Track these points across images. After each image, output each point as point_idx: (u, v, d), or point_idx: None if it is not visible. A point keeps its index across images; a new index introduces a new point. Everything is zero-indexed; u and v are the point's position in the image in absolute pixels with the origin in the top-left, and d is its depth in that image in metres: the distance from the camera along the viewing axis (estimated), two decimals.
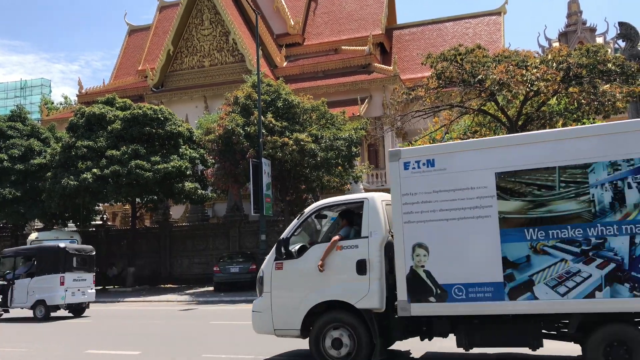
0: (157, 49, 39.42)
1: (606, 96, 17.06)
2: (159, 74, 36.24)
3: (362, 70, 34.98)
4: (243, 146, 20.32)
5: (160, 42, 39.66)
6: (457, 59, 18.42)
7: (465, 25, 39.11)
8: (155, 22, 43.04)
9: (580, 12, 47.15)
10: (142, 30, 45.32)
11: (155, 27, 42.64)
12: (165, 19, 42.36)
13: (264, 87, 22.09)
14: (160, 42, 39.94)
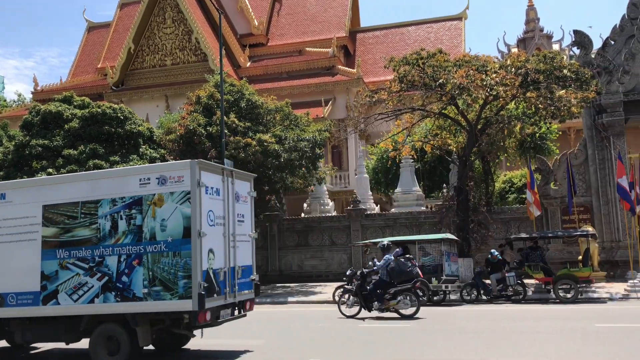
0: (118, 47, 38.64)
1: (562, 101, 17.57)
2: (119, 72, 35.53)
3: (326, 72, 35.10)
4: (205, 146, 20.10)
5: (121, 39, 38.89)
6: (419, 63, 18.68)
7: (428, 29, 39.72)
8: (115, 19, 42.17)
9: (537, 19, 48.49)
10: (101, 27, 44.35)
11: (115, 24, 41.78)
12: (126, 16, 41.54)
13: (227, 87, 21.91)
14: (120, 39, 39.16)
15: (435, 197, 28.43)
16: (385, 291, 12.68)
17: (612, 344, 8.74)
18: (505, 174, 29.95)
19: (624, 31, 21.65)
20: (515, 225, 21.92)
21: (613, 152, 20.21)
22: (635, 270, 18.36)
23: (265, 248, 24.53)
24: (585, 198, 21.18)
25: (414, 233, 22.06)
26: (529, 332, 10.26)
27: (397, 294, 12.63)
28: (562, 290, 15.47)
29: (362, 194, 26.98)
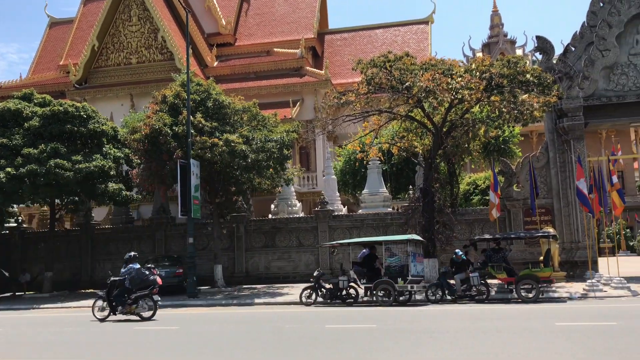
0: (81, 44, 37.77)
1: (525, 105, 17.98)
2: (83, 69, 34.73)
3: (294, 73, 35.07)
4: (171, 146, 19.82)
5: (84, 36, 38.02)
6: (387, 66, 18.84)
7: (395, 32, 40.10)
8: (79, 15, 41.22)
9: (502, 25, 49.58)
10: (64, 23, 43.29)
11: (79, 20, 40.83)
12: (89, 12, 40.65)
13: (194, 87, 21.66)
14: (84, 36, 38.28)
15: (402, 199, 28.72)
16: (128, 297, 14.19)
17: (572, 342, 8.98)
18: (470, 176, 30.50)
19: (584, 38, 22.30)
20: (479, 227, 22.31)
21: (573, 156, 20.78)
22: (594, 270, 18.92)
23: (232, 249, 24.34)
24: (546, 200, 21.72)
25: (381, 234, 22.23)
26: (493, 331, 10.45)
27: (138, 299, 14.16)
28: (524, 290, 15.81)
29: (330, 195, 27.05)
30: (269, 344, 10.15)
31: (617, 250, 24.52)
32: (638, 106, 21.47)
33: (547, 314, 12.84)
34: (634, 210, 41.68)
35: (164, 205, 25.62)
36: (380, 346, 9.35)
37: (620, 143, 44.74)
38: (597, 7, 22.27)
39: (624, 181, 45.19)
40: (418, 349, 8.97)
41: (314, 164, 34.42)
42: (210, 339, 11.11)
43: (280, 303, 17.70)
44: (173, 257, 22.81)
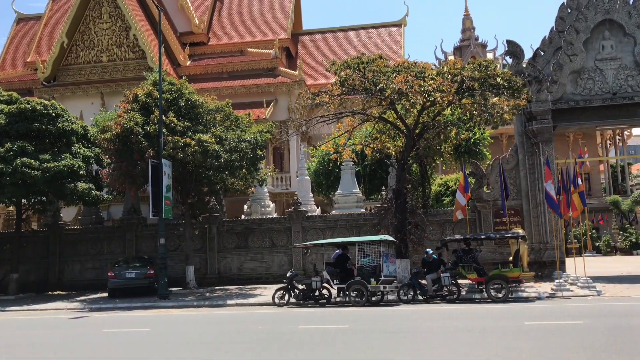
0: (50, 41, 36.97)
1: (495, 108, 18.27)
2: (51, 67, 34.02)
3: (267, 73, 34.99)
4: (142, 146, 19.55)
5: (53, 33, 37.23)
6: (360, 68, 18.94)
7: (368, 35, 40.34)
8: (47, 11, 40.34)
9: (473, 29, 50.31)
10: (32, 19, 42.33)
11: (47, 16, 39.96)
12: (59, 9, 39.82)
13: (166, 86, 21.42)
14: (53, 33, 37.48)
15: (375, 200, 28.91)
16: None
17: (540, 341, 9.17)
18: (441, 178, 30.87)
19: (553, 43, 22.79)
20: (450, 227, 22.59)
21: (542, 158, 21.21)
22: (561, 270, 19.34)
23: (204, 250, 24.14)
24: (516, 201, 22.12)
25: (354, 235, 22.34)
26: (463, 330, 10.60)
27: None
28: (493, 290, 16.07)
29: (303, 195, 27.05)
30: (241, 344, 10.11)
31: (583, 251, 25.12)
32: (604, 110, 22.05)
33: (516, 314, 13.08)
34: (600, 211, 42.76)
35: (135, 206, 25.26)
36: (353, 346, 9.39)
37: (587, 146, 45.87)
38: (565, 13, 22.80)
39: (590, 183, 46.35)
40: (390, 348, 9.04)
41: (288, 164, 34.40)
42: (181, 340, 11.00)
43: (252, 304, 17.63)
44: (144, 258, 22.51)
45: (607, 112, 22.09)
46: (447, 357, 8.28)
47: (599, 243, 40.41)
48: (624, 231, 40.59)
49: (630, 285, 18.22)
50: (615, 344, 8.66)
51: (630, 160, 55.59)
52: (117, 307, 18.25)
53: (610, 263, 29.53)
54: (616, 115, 22.15)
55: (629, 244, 39.36)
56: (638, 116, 22.13)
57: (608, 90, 21.92)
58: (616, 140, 48.93)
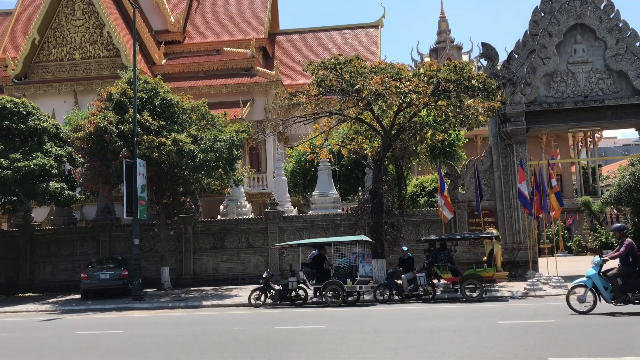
0: (20, 37, 36.20)
1: (470, 110, 18.49)
2: (22, 64, 33.31)
3: (244, 72, 34.82)
4: (116, 145, 19.28)
5: (24, 29, 36.46)
6: (337, 68, 18.97)
7: (345, 35, 40.45)
8: (18, 7, 39.45)
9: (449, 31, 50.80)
10: (2, 15, 41.40)
11: (18, 12, 39.08)
12: (30, 4, 38.99)
13: (141, 84, 21.16)
14: (24, 29, 36.71)
15: (352, 200, 28.98)
16: None
17: (513, 339, 9.30)
18: (417, 178, 31.12)
19: (526, 46, 23.16)
20: (425, 228, 22.78)
21: (515, 159, 21.53)
22: (534, 270, 19.67)
23: (179, 251, 23.91)
24: (490, 202, 22.41)
25: (331, 235, 22.38)
26: (439, 330, 10.69)
27: None
28: (468, 289, 16.25)
29: (280, 196, 26.99)
30: (217, 346, 10.03)
31: (555, 251, 25.58)
32: (576, 113, 22.49)
33: (491, 313, 13.25)
34: (572, 212, 43.59)
35: (109, 206, 24.90)
36: (329, 347, 9.40)
37: (559, 148, 46.74)
38: (538, 17, 23.19)
39: (562, 184, 47.20)
40: (366, 349, 9.07)
41: (264, 164, 34.28)
42: (155, 342, 10.87)
43: (228, 305, 17.51)
44: (118, 259, 22.19)
45: (579, 115, 22.54)
46: (423, 356, 8.34)
47: (571, 243, 41.20)
48: (594, 231, 41.45)
49: None
50: (586, 342, 8.84)
51: (600, 162, 56.85)
52: (90, 309, 17.95)
53: (581, 263, 30.11)
54: (587, 117, 22.62)
55: (599, 243, 40.20)
56: (608, 119, 22.63)
57: (580, 93, 22.36)
58: (587, 143, 49.96)
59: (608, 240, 39.76)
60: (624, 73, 22.04)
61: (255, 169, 32.81)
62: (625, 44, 22.17)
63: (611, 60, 22.11)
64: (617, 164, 57.87)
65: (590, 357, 7.76)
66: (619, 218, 45.45)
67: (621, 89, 22.22)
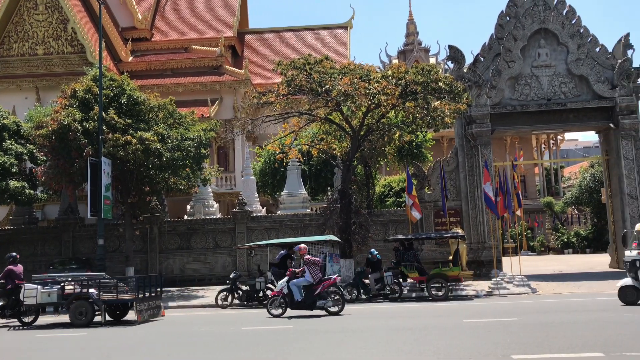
0: None
1: (437, 112, 18.76)
2: None
3: (212, 71, 34.50)
4: (80, 143, 18.87)
5: None
6: (307, 68, 19.00)
7: (315, 36, 40.49)
8: None
9: (417, 33, 51.36)
10: None
11: None
12: None
13: (107, 82, 20.76)
14: None
15: (321, 200, 29.05)
16: None
17: (478, 338, 9.47)
18: (385, 179, 31.38)
19: (492, 49, 23.61)
20: (393, 227, 23.00)
21: (480, 160, 21.92)
22: (498, 269, 20.06)
23: (145, 251, 23.55)
24: (455, 202, 22.77)
25: (300, 235, 22.37)
26: (405, 329, 10.81)
27: None
28: (434, 288, 16.47)
29: (249, 196, 26.84)
30: (183, 347, 9.92)
31: (519, 250, 26.13)
32: (539, 115, 23.05)
33: (456, 312, 13.46)
34: (535, 212, 44.61)
35: (72, 205, 24.35)
36: (297, 346, 9.40)
37: (523, 149, 47.78)
38: (504, 21, 23.67)
39: (526, 185, 48.26)
40: (333, 348, 9.11)
41: (233, 164, 34.03)
42: (119, 344, 10.69)
43: (195, 306, 17.34)
44: (81, 260, 21.72)
45: (542, 117, 23.11)
46: (389, 355, 8.42)
47: (534, 243, 42.16)
48: (556, 231, 42.52)
49: (562, 283, 19.13)
50: (547, 339, 9.06)
51: (562, 164, 58.36)
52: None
53: (543, 262, 30.88)
54: (550, 120, 23.21)
55: (560, 243, 41.28)
56: (570, 122, 23.26)
57: (543, 96, 22.91)
58: (550, 145, 51.21)
59: (569, 240, 40.85)
60: (584, 77, 22.68)
61: (223, 169, 32.52)
62: (586, 50, 22.82)
63: (573, 65, 22.72)
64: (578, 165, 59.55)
65: (551, 354, 7.96)
66: (580, 218, 46.79)
67: (582, 92, 22.86)
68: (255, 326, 12.32)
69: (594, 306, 13.39)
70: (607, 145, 23.88)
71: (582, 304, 13.99)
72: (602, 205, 34.45)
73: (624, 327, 10.16)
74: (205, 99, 32.19)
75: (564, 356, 7.81)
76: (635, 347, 8.20)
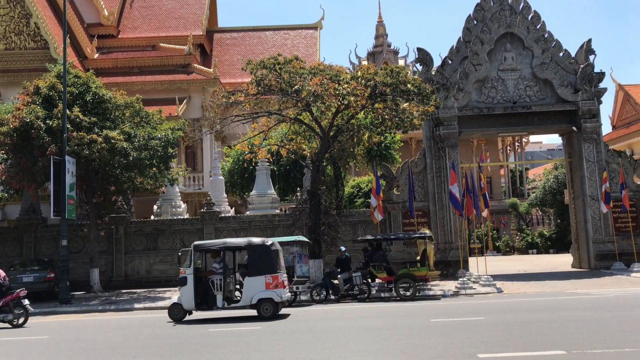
0: None
1: (405, 113, 18.92)
2: None
3: (181, 69, 34.10)
4: (43, 141, 18.39)
5: None
6: (276, 68, 18.92)
7: (284, 36, 40.42)
8: None
9: (386, 35, 51.74)
10: None
11: None
12: None
13: (72, 79, 20.29)
14: None
15: (290, 200, 29.00)
16: None
17: (445, 337, 9.58)
18: (354, 180, 31.51)
19: (460, 52, 23.95)
20: (362, 228, 23.10)
21: (448, 162, 22.21)
22: (465, 269, 20.35)
23: (110, 252, 23.10)
24: (423, 203, 23.01)
25: (269, 235, 22.26)
26: (373, 329, 10.86)
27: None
28: (402, 288, 16.61)
29: (217, 196, 26.60)
30: (150, 349, 9.75)
31: (485, 251, 26.59)
32: (505, 118, 23.48)
33: (423, 311, 13.60)
34: (500, 213, 45.44)
35: (35, 205, 23.70)
36: (264, 347, 9.35)
37: (489, 151, 48.63)
38: (471, 24, 24.05)
39: (491, 187, 49.12)
40: (301, 348, 9.09)
41: (201, 164, 33.69)
42: (83, 347, 10.44)
43: (161, 307, 17.06)
44: (44, 261, 21.16)
45: (508, 120, 23.55)
46: (357, 355, 8.44)
47: (499, 243, 42.95)
48: (521, 232, 43.40)
49: (526, 283, 19.53)
50: (512, 338, 9.23)
51: (527, 166, 59.64)
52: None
53: (509, 262, 31.47)
54: (516, 123, 23.67)
55: (525, 243, 42.14)
56: (535, 124, 23.77)
57: (509, 99, 23.35)
58: (515, 147, 52.25)
59: (534, 240, 41.75)
60: (549, 81, 23.21)
61: (191, 168, 32.15)
62: (550, 54, 23.36)
63: (537, 69, 23.23)
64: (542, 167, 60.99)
65: (516, 352, 8.11)
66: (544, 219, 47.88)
67: (546, 96, 23.39)
68: (223, 327, 12.21)
69: (557, 305, 13.71)
70: (570, 148, 24.48)
71: (545, 303, 14.31)
72: (565, 207, 35.33)
73: (586, 325, 10.42)
74: (173, 98, 31.78)
75: (528, 354, 7.96)
76: (595, 345, 8.42)
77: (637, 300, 13.83)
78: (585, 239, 23.37)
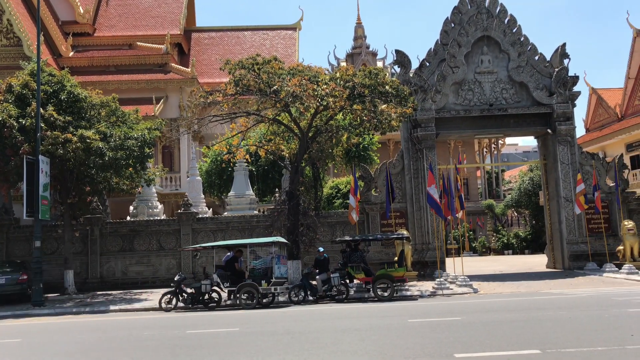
0: None
1: (384, 115, 19.01)
2: None
3: (158, 69, 33.78)
4: (16, 141, 18.03)
5: None
6: (255, 68, 18.86)
7: (263, 36, 40.33)
8: None
9: (365, 37, 51.98)
10: None
11: None
12: None
13: (46, 77, 19.93)
14: None
15: (268, 201, 28.90)
16: None
17: (422, 337, 9.65)
18: (333, 181, 31.56)
19: (437, 55, 24.16)
20: (340, 229, 23.15)
21: (425, 163, 22.38)
22: (442, 269, 20.53)
23: (85, 253, 22.75)
24: (401, 204, 23.15)
25: (247, 237, 22.17)
26: (351, 329, 10.88)
27: None
28: (380, 289, 16.68)
29: (194, 197, 26.40)
30: (125, 352, 9.62)
31: (461, 251, 26.85)
32: (482, 120, 23.76)
33: (401, 312, 13.67)
34: (477, 214, 45.97)
35: (7, 206, 23.23)
36: (241, 349, 9.30)
37: (466, 153, 49.18)
38: (449, 27, 24.28)
39: (468, 188, 49.67)
40: (279, 350, 9.06)
41: (178, 164, 33.42)
42: (56, 350, 10.25)
43: (138, 309, 16.87)
44: (16, 263, 20.72)
45: (485, 122, 23.83)
46: (335, 356, 8.45)
47: (476, 244, 43.43)
48: (497, 233, 43.96)
49: (502, 283, 19.78)
50: (489, 338, 9.34)
51: (503, 167, 60.46)
52: None
53: (485, 263, 31.84)
54: (492, 125, 23.96)
55: (501, 244, 42.70)
56: (511, 127, 24.09)
57: (485, 102, 23.64)
58: (492, 149, 52.93)
59: (509, 241, 42.33)
60: (524, 84, 23.55)
61: (168, 169, 31.88)
62: (526, 57, 23.71)
63: (514, 72, 23.55)
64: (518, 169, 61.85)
65: (492, 352, 8.20)
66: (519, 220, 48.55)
67: (522, 99, 23.73)
68: (200, 329, 12.10)
69: (532, 305, 13.90)
70: (545, 150, 24.88)
71: (520, 303, 14.50)
72: (540, 208, 35.89)
73: (560, 325, 10.59)
74: (150, 97, 31.48)
75: (503, 354, 8.06)
76: (569, 344, 8.56)
77: (609, 300, 14.11)
78: (560, 239, 23.77)
